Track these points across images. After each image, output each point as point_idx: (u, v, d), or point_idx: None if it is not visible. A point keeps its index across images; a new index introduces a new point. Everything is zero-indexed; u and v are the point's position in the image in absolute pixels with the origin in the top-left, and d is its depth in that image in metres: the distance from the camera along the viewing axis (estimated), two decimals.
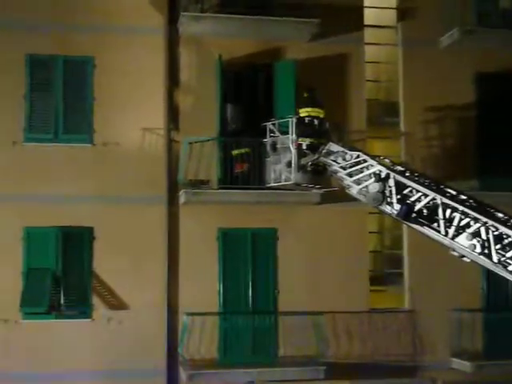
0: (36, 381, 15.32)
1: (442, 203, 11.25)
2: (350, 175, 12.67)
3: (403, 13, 17.73)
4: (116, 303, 15.83)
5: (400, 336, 16.79)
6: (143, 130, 16.24)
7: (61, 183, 15.78)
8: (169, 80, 16.40)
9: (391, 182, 11.89)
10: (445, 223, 11.19)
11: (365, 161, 12.54)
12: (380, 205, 11.96)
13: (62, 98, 16.04)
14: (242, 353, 15.96)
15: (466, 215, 10.99)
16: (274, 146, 14.23)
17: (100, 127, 16.11)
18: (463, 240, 10.93)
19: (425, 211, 11.43)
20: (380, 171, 12.11)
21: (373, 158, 12.60)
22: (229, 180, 15.46)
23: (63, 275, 15.53)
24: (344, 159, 12.91)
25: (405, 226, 14.28)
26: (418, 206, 11.47)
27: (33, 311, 15.21)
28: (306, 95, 14.63)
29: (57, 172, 15.83)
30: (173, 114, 16.42)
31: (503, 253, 10.57)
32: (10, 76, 15.85)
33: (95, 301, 15.74)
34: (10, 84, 15.86)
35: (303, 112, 14.05)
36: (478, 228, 10.82)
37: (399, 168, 12.60)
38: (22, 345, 15.37)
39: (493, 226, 10.69)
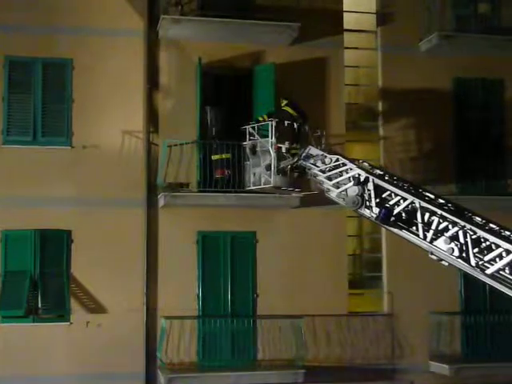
0: None
1: (421, 207, 11.33)
2: (330, 178, 12.74)
3: (382, 17, 17.81)
4: (94, 307, 15.73)
5: (378, 339, 16.83)
6: (122, 133, 16.17)
7: (39, 186, 15.67)
8: (148, 83, 16.35)
9: (370, 186, 11.96)
10: (423, 227, 11.27)
11: (344, 164, 12.60)
12: (359, 208, 12.03)
13: (41, 101, 15.94)
14: (221, 356, 15.92)
15: (445, 219, 11.07)
16: (253, 149, 14.30)
17: (79, 130, 16.03)
18: (441, 243, 11.01)
19: (403, 215, 11.51)
20: (359, 175, 12.18)
21: (352, 161, 12.68)
22: (208, 183, 15.41)
23: (41, 278, 15.40)
24: (323, 162, 12.99)
25: (384, 229, 14.40)
26: (396, 210, 11.54)
27: (10, 314, 15.10)
28: (284, 102, 14.83)
29: (35, 175, 15.71)
30: (152, 117, 16.37)
31: (481, 256, 10.66)
32: None
33: (73, 304, 15.62)
34: None
35: (286, 108, 14.24)
36: (456, 232, 10.91)
37: (378, 172, 12.69)
38: None
39: (471, 229, 10.78)
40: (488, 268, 10.55)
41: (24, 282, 15.18)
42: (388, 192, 11.84)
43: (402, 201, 11.59)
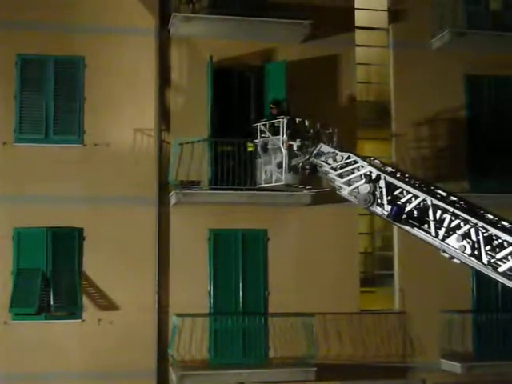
0: (25, 381, 15.25)
1: (433, 204, 11.30)
2: (341, 176, 12.73)
3: (394, 15, 17.77)
4: (106, 304, 15.78)
5: (390, 337, 16.80)
6: (134, 131, 16.21)
7: (51, 184, 15.72)
8: (160, 81, 16.38)
9: (382, 183, 11.94)
10: (435, 224, 11.24)
11: (355, 162, 12.58)
12: (371, 206, 12.02)
13: (53, 99, 15.98)
14: (233, 354, 15.94)
15: (457, 217, 11.04)
16: (264, 147, 14.30)
17: (90, 128, 16.07)
18: (453, 241, 10.98)
19: (415, 212, 11.48)
20: (371, 172, 12.16)
21: (363, 159, 12.66)
22: (220, 181, 15.41)
23: (53, 276, 15.47)
24: (335, 160, 12.97)
25: (395, 227, 14.38)
26: (408, 207, 11.52)
27: (22, 312, 15.15)
28: (272, 106, 15.23)
29: (47, 173, 15.76)
30: (164, 115, 16.39)
31: (493, 254, 10.63)
32: (0, 76, 15.79)
33: (85, 301, 15.67)
34: (0, 84, 15.81)
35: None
36: (468, 229, 10.88)
37: (390, 169, 12.66)
38: (11, 345, 15.31)
39: (483, 227, 10.75)
40: (500, 266, 10.52)
41: (36, 280, 15.24)
42: (400, 189, 11.82)
43: (413, 198, 11.56)
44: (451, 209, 11.15)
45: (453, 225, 11.09)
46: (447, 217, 11.15)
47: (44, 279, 15.37)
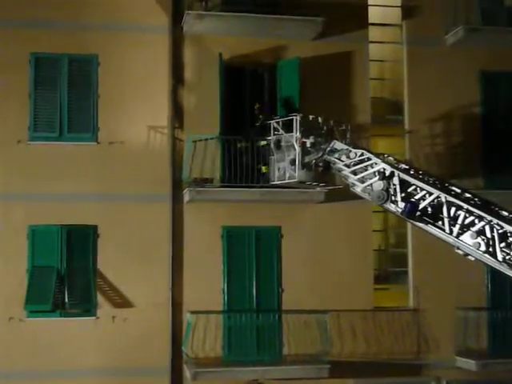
0: (40, 379, 15.32)
1: (447, 201, 11.26)
2: (355, 173, 12.70)
3: (408, 11, 17.70)
4: (120, 301, 15.84)
5: (404, 334, 16.77)
6: (148, 128, 16.25)
7: (65, 181, 15.79)
8: (173, 78, 16.40)
9: (395, 180, 11.92)
10: (449, 221, 11.21)
11: (369, 159, 12.56)
12: (384, 203, 11.99)
13: (67, 97, 16.05)
14: (247, 351, 15.95)
15: (471, 213, 11.00)
16: (278, 144, 14.29)
17: (105, 125, 16.12)
18: (468, 238, 10.95)
19: (429, 209, 11.45)
20: (384, 169, 12.13)
21: (377, 156, 12.63)
22: (233, 178, 15.41)
23: (67, 273, 15.54)
24: (348, 157, 12.95)
25: (409, 224, 14.34)
26: (422, 204, 11.49)
27: (37, 309, 15.23)
28: (257, 106, 15.66)
29: (61, 170, 15.84)
30: (177, 113, 16.42)
31: (508, 251, 10.59)
32: (14, 75, 15.87)
33: (99, 299, 15.73)
34: (14, 83, 15.88)
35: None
36: (483, 226, 10.84)
37: (403, 166, 12.63)
38: (26, 343, 15.40)
39: (497, 224, 10.70)
40: None
41: (51, 277, 15.31)
42: (413, 186, 11.79)
43: (427, 195, 11.53)
44: (465, 205, 11.11)
45: (467, 222, 11.05)
46: (461, 213, 11.11)
47: (59, 276, 15.44)
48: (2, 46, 15.86)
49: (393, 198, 11.91)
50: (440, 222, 11.35)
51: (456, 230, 11.12)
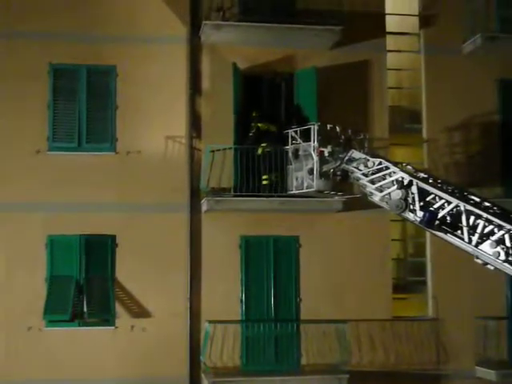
0: None
1: (466, 210, 11.20)
2: (373, 182, 12.67)
3: (425, 19, 17.67)
4: (139, 311, 15.87)
5: (423, 344, 16.67)
6: (165, 138, 16.30)
7: (84, 191, 15.86)
8: (191, 88, 16.45)
9: (414, 189, 11.87)
10: (468, 230, 11.14)
11: (387, 168, 12.53)
12: (403, 212, 11.95)
13: (86, 107, 16.15)
14: (265, 361, 15.93)
15: (490, 222, 10.93)
16: (296, 153, 14.30)
17: (123, 136, 16.20)
18: (487, 247, 10.88)
19: (448, 218, 11.39)
20: (403, 178, 12.10)
21: (395, 164, 12.59)
22: (251, 188, 15.41)
23: (86, 283, 15.58)
24: (366, 166, 12.92)
25: (428, 233, 14.27)
26: (441, 213, 11.43)
27: (56, 319, 15.28)
28: (254, 114, 15.67)
29: (80, 180, 15.91)
30: (195, 122, 16.46)
31: None
32: (33, 85, 15.98)
33: (118, 309, 15.76)
34: (33, 93, 16.00)
35: (261, 126, 15.57)
36: (502, 235, 10.76)
37: (422, 175, 12.59)
38: (45, 352, 15.45)
39: None
40: None
41: (69, 287, 15.37)
42: (432, 195, 11.74)
43: (446, 204, 11.48)
44: (485, 214, 11.05)
45: (486, 231, 10.98)
46: (481, 222, 11.05)
47: (77, 286, 15.49)
48: (21, 56, 16.00)
49: (411, 206, 11.86)
50: (459, 231, 11.29)
51: (475, 239, 11.05)
